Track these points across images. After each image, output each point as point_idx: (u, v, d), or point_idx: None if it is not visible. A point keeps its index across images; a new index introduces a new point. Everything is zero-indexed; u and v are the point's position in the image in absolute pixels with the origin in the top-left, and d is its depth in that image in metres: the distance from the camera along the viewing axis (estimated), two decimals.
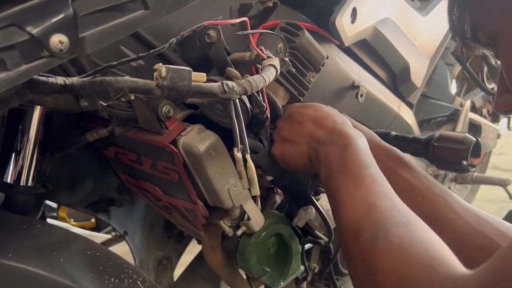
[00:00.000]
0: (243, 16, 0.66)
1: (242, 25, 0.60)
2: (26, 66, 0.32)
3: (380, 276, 0.41)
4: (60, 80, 0.38)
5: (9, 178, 0.70)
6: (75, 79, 0.39)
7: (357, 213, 0.48)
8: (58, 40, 0.32)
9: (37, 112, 0.70)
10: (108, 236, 1.76)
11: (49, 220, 1.69)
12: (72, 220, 1.81)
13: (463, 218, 0.61)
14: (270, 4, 0.64)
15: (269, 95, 0.64)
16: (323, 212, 0.77)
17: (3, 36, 0.31)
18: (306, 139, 0.63)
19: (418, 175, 0.67)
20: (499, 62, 1.34)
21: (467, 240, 0.60)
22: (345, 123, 0.62)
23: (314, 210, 0.76)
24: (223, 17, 0.66)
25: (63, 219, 1.79)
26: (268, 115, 0.64)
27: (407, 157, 0.70)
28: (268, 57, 0.57)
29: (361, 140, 0.58)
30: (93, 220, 1.83)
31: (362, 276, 0.44)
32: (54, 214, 1.81)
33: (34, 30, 0.32)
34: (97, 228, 1.82)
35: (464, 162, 0.75)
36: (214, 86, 0.45)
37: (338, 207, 0.51)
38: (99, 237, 1.76)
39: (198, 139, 0.61)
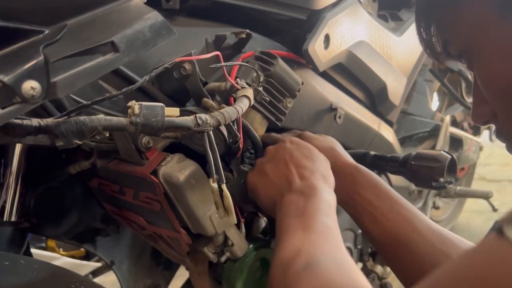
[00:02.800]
0: (218, 47, 0.68)
1: (217, 58, 0.62)
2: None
3: None
4: (34, 122, 0.39)
5: None
6: (49, 120, 0.40)
7: (295, 248, 0.48)
8: (30, 86, 0.34)
9: (18, 146, 0.71)
10: (98, 265, 1.74)
11: (38, 251, 1.68)
12: (61, 249, 1.80)
13: (426, 237, 0.62)
14: (244, 36, 0.66)
15: (246, 126, 0.65)
16: None
17: None
18: (280, 182, 0.63)
19: (381, 193, 0.67)
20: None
21: (429, 260, 0.60)
22: (322, 176, 0.63)
23: None
24: (199, 48, 0.69)
25: (52, 249, 1.78)
26: (241, 146, 0.65)
27: (371, 174, 0.71)
28: (242, 87, 0.58)
29: (327, 194, 0.59)
30: (82, 249, 1.81)
31: None
32: (43, 244, 1.80)
33: (6, 78, 0.33)
34: (87, 257, 1.81)
35: (441, 179, 0.77)
36: (188, 120, 0.46)
37: (279, 243, 0.51)
38: (89, 265, 1.75)
39: (178, 169, 0.62)
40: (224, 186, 0.49)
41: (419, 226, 0.63)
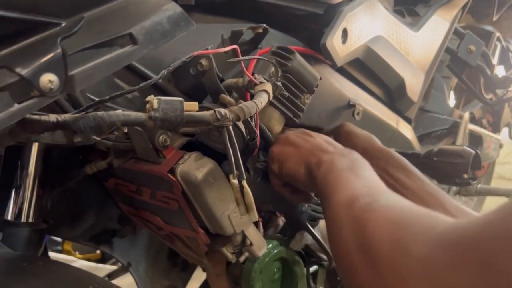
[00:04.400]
0: (234, 43, 0.67)
1: (234, 52, 0.61)
2: (17, 106, 0.33)
3: (371, 233, 0.39)
4: (52, 117, 0.38)
5: (9, 215, 0.70)
6: (67, 116, 0.39)
7: (355, 190, 0.47)
8: (47, 79, 0.33)
9: (35, 147, 0.70)
10: (114, 267, 1.75)
11: (54, 254, 1.69)
12: (77, 252, 1.81)
13: (454, 216, 0.62)
14: (260, 30, 0.64)
15: (260, 125, 0.64)
16: (319, 239, 0.76)
17: None
18: (311, 147, 0.63)
19: (411, 175, 0.69)
20: (495, 71, 1.35)
21: None
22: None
23: (309, 235, 0.76)
24: (214, 44, 0.67)
25: (68, 252, 1.79)
26: (257, 143, 0.64)
27: (402, 159, 0.72)
28: (261, 82, 0.57)
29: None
30: (98, 252, 1.82)
31: (351, 239, 0.41)
32: (59, 247, 1.80)
33: (24, 71, 0.32)
34: (102, 260, 1.81)
35: (465, 175, 0.74)
36: (207, 114, 0.45)
37: (333, 192, 0.50)
38: (105, 268, 1.75)
39: (195, 167, 0.61)
40: (244, 183, 0.48)
41: (448, 206, 0.63)
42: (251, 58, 0.59)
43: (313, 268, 0.86)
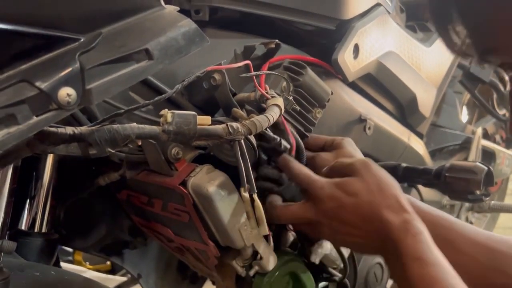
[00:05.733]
0: (247, 58, 0.68)
1: (246, 67, 0.62)
2: (36, 119, 0.34)
3: None
4: (69, 130, 0.39)
5: (23, 225, 0.71)
6: (83, 128, 0.40)
7: None
8: (66, 93, 0.34)
9: (50, 159, 0.72)
10: (124, 279, 1.75)
11: (65, 264, 1.70)
12: (87, 263, 1.81)
13: (471, 256, 0.58)
14: (273, 46, 0.65)
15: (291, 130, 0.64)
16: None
17: (14, 91, 0.33)
18: (388, 203, 0.56)
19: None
20: (508, 87, 1.31)
21: (481, 281, 0.57)
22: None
23: (328, 244, 0.75)
24: (227, 59, 0.69)
25: (79, 263, 1.80)
26: (287, 145, 0.63)
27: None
28: (272, 96, 0.58)
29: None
30: (108, 263, 1.82)
31: None
32: (70, 258, 1.81)
33: (43, 85, 0.33)
34: (112, 271, 1.82)
35: (477, 192, 0.74)
36: (219, 128, 0.46)
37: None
38: (115, 279, 1.75)
39: (207, 179, 0.61)
40: (255, 196, 0.48)
41: (462, 246, 0.59)
42: (263, 73, 0.60)
43: (322, 284, 0.86)
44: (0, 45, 0.34)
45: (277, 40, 0.65)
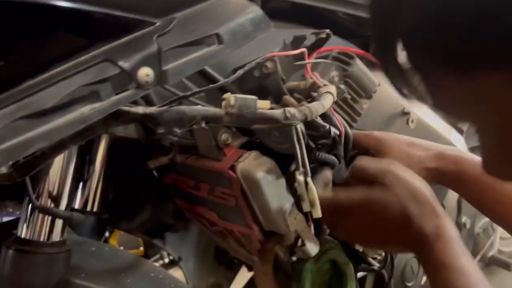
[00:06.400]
0: (296, 48, 0.69)
1: (296, 56, 0.63)
2: (117, 96, 0.36)
3: None
4: (140, 109, 0.42)
5: (77, 204, 0.74)
6: (153, 109, 0.42)
7: None
8: (145, 73, 0.36)
9: (103, 142, 0.75)
10: (157, 264, 1.79)
11: None
12: (122, 248, 1.86)
13: None
14: (324, 35, 0.66)
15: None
16: None
17: (98, 70, 0.35)
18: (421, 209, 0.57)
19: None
20: None
21: None
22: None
23: None
24: (275, 49, 0.70)
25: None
26: (336, 131, 0.63)
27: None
28: (324, 84, 0.59)
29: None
30: (141, 248, 1.87)
31: None
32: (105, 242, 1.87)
33: (125, 64, 0.35)
34: (145, 256, 1.86)
35: None
36: (277, 113, 0.47)
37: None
38: None
39: (255, 165, 0.63)
40: (309, 179, 0.50)
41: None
42: (317, 61, 0.61)
43: (360, 274, 0.87)
44: (84, 26, 0.36)
45: (328, 30, 0.66)
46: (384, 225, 0.58)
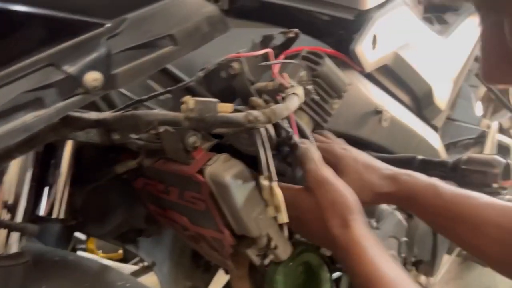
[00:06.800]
0: (265, 47, 0.67)
1: (264, 56, 0.62)
2: (63, 103, 0.34)
3: None
4: (93, 115, 0.40)
5: (42, 211, 0.72)
6: (107, 114, 0.40)
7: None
8: (92, 77, 0.34)
9: (68, 146, 0.72)
10: (136, 267, 1.76)
11: (78, 253, 1.72)
12: (100, 252, 1.83)
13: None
14: (292, 35, 0.65)
15: (297, 123, 0.65)
16: None
17: (41, 75, 0.33)
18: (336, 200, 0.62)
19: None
20: None
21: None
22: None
23: None
24: (246, 48, 0.68)
25: (91, 251, 1.82)
26: (296, 139, 0.64)
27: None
28: (292, 85, 0.58)
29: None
30: (120, 251, 1.84)
31: None
32: (83, 246, 1.84)
33: (70, 69, 0.34)
34: (124, 260, 1.84)
35: (495, 185, 0.73)
36: (240, 116, 0.46)
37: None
38: (127, 268, 1.77)
39: (224, 168, 0.61)
40: (274, 184, 0.49)
41: (486, 230, 0.63)
42: (283, 62, 0.60)
43: (336, 274, 0.86)
44: (28, 29, 0.34)
45: (296, 30, 0.65)
46: (307, 225, 0.63)
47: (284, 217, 0.50)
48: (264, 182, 0.49)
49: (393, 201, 0.71)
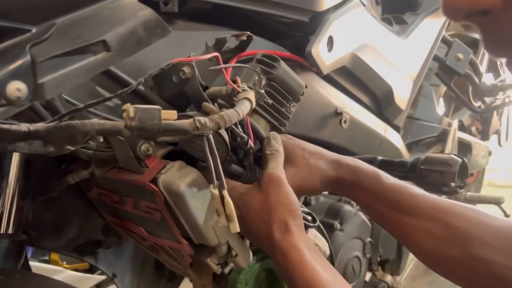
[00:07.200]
0: (218, 51, 0.66)
1: (216, 60, 0.60)
2: None
3: None
4: (23, 127, 0.37)
5: None
6: (39, 125, 0.38)
7: None
8: (15, 87, 0.32)
9: (15, 157, 0.69)
10: (103, 277, 1.72)
11: (41, 264, 1.66)
12: (64, 263, 1.78)
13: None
14: (244, 38, 0.64)
15: (253, 125, 0.64)
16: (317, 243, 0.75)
17: None
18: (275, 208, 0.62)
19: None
20: (483, 79, 1.33)
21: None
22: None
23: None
24: (199, 52, 0.67)
25: (55, 262, 1.76)
26: (252, 144, 0.63)
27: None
28: (243, 90, 0.56)
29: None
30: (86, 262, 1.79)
31: None
32: (46, 257, 1.77)
33: None
34: (91, 270, 1.78)
35: (452, 184, 0.74)
36: (186, 123, 0.44)
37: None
38: (93, 278, 1.72)
39: (178, 176, 0.59)
40: (225, 193, 0.47)
41: (421, 216, 0.64)
42: (232, 66, 0.58)
43: None
44: None
45: (248, 32, 0.64)
46: (251, 225, 0.63)
47: (236, 227, 0.48)
48: (214, 191, 0.48)
49: (339, 187, 0.71)
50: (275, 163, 0.64)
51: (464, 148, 1.54)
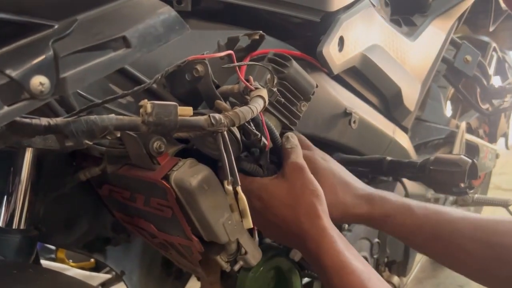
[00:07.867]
0: (230, 49, 0.66)
1: (230, 58, 0.61)
2: (7, 109, 0.32)
3: None
4: (44, 121, 0.38)
5: (0, 221, 0.69)
6: (59, 120, 0.38)
7: None
8: (38, 81, 0.32)
9: (28, 153, 0.70)
10: (108, 276, 1.72)
11: (47, 262, 1.67)
12: (71, 261, 1.79)
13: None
14: (257, 37, 0.64)
15: (267, 123, 0.64)
16: None
17: None
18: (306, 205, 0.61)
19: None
20: (491, 82, 1.32)
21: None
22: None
23: None
24: (211, 50, 0.67)
25: (62, 261, 1.77)
26: (266, 141, 0.63)
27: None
28: (256, 88, 0.57)
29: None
30: (92, 260, 1.80)
31: None
32: (53, 255, 1.78)
33: (14, 73, 0.32)
34: (96, 268, 1.79)
35: (462, 185, 0.74)
36: (201, 119, 0.44)
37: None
38: (99, 277, 1.73)
39: (190, 173, 0.60)
40: (239, 189, 0.47)
41: (461, 241, 0.63)
42: (246, 64, 0.59)
43: (306, 280, 0.85)
44: None
45: (261, 32, 0.64)
46: (274, 215, 0.62)
47: (249, 222, 0.49)
48: (228, 187, 0.48)
49: (363, 221, 0.71)
50: (296, 155, 0.64)
51: (472, 150, 1.53)
